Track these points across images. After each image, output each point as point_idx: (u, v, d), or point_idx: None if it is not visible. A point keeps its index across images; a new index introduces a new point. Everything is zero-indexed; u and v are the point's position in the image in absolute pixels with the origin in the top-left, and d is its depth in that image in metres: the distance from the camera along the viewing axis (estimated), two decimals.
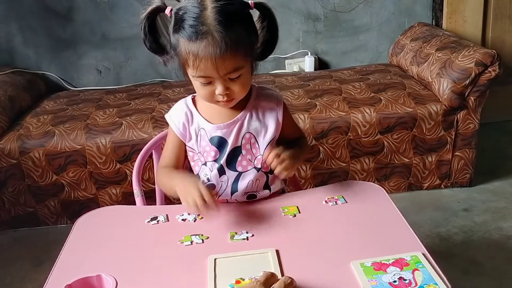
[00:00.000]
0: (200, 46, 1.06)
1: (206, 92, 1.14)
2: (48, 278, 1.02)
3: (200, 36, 1.06)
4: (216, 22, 1.05)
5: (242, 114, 1.23)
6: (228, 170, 1.25)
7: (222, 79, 1.11)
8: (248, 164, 1.25)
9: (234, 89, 1.13)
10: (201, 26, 1.06)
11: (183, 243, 1.09)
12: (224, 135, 1.23)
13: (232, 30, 1.06)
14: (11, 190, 2.32)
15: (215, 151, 1.24)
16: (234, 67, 1.10)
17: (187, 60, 1.10)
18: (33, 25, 2.94)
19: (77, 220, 1.23)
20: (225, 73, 1.09)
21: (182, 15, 1.08)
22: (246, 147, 1.24)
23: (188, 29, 1.07)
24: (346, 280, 0.94)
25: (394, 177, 2.45)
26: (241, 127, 1.23)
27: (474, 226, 2.20)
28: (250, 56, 1.14)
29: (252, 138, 1.24)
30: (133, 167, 1.47)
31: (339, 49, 3.11)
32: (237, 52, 1.08)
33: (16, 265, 2.13)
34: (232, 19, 1.07)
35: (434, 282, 0.92)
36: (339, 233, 1.09)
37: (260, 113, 1.25)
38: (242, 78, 1.13)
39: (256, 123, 1.24)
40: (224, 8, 1.07)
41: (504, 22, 3.02)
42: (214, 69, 1.08)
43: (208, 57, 1.06)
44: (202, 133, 1.24)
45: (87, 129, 2.32)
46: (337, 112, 2.34)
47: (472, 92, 2.34)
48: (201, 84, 1.13)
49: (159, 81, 3.06)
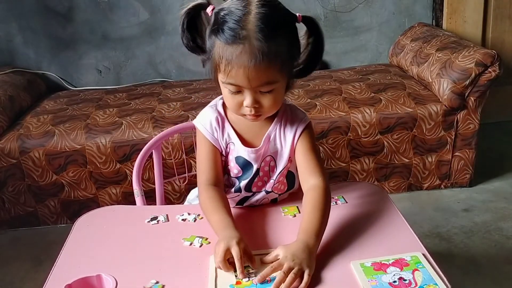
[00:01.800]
0: (236, 51, 0.99)
1: (234, 102, 1.07)
2: (48, 278, 1.02)
3: (237, 41, 0.99)
4: (258, 28, 0.98)
5: (268, 132, 1.16)
6: (244, 191, 1.21)
7: (252, 90, 1.03)
8: (263, 185, 1.21)
9: (264, 103, 1.06)
10: (241, 30, 0.98)
11: (187, 242, 1.10)
12: (251, 159, 1.17)
13: (273, 40, 0.99)
14: (11, 190, 2.32)
15: (238, 170, 1.19)
16: (268, 80, 1.02)
17: (219, 64, 1.02)
18: (33, 25, 2.94)
19: (77, 220, 1.23)
20: (257, 85, 1.02)
21: (224, 16, 1.01)
22: (264, 169, 1.19)
23: (227, 32, 0.99)
24: (346, 280, 0.94)
25: (394, 177, 2.45)
26: (266, 149, 1.17)
27: (474, 226, 2.20)
28: (287, 71, 1.06)
29: (272, 161, 1.19)
30: (133, 167, 1.47)
31: (339, 49, 3.11)
32: (273, 65, 1.00)
33: (16, 265, 2.13)
34: (275, 28, 1.00)
35: (434, 283, 0.92)
36: (339, 233, 1.09)
37: (282, 132, 1.17)
38: (274, 93, 1.05)
39: (278, 145, 1.18)
40: (269, 15, 1.00)
41: (504, 22, 3.02)
42: (246, 79, 1.00)
43: (241, 64, 0.99)
44: (232, 147, 1.18)
45: (87, 129, 2.32)
46: (337, 112, 2.34)
47: (472, 92, 2.34)
48: (229, 92, 1.06)
49: (159, 81, 3.06)
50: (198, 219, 1.19)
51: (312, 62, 1.11)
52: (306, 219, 1.05)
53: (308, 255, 0.96)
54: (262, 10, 0.99)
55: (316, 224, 1.03)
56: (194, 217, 1.19)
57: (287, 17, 1.05)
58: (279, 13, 1.03)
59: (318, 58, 1.11)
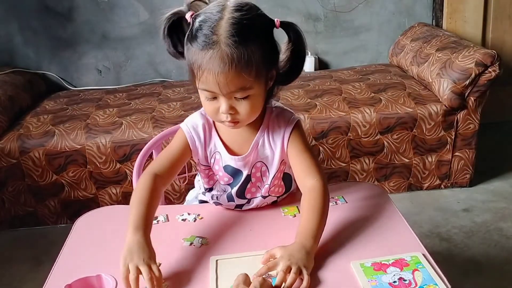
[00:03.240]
0: (206, 56, 0.98)
1: (210, 108, 1.05)
2: (48, 278, 1.02)
3: (208, 46, 0.97)
4: (228, 34, 0.97)
5: (256, 138, 1.15)
6: (237, 198, 1.20)
7: (226, 97, 1.01)
8: (257, 191, 1.20)
9: (240, 110, 1.03)
10: (212, 36, 0.97)
11: (187, 242, 1.09)
12: (239, 166, 1.16)
13: (245, 46, 0.97)
14: (11, 190, 2.32)
15: (228, 178, 1.18)
16: (239, 86, 1.00)
17: (194, 70, 1.01)
18: (33, 25, 2.94)
19: (77, 220, 1.23)
20: (229, 91, 1.00)
21: (200, 22, 1.00)
22: (256, 175, 1.18)
23: (200, 37, 0.99)
24: (346, 280, 0.94)
25: (394, 177, 2.45)
26: (255, 156, 1.16)
27: (474, 226, 2.20)
28: (264, 78, 1.04)
29: (263, 166, 1.17)
30: (133, 167, 1.47)
31: (339, 49, 3.11)
32: (245, 71, 0.98)
33: (16, 265, 2.13)
34: (247, 34, 0.98)
35: (434, 283, 0.92)
36: (339, 233, 1.09)
37: (271, 138, 1.15)
38: (250, 99, 1.03)
39: (267, 150, 1.16)
40: (241, 20, 0.98)
41: (504, 22, 3.02)
42: (216, 84, 0.99)
43: (210, 70, 0.98)
44: (217, 157, 1.17)
45: (87, 129, 2.32)
46: (337, 112, 2.34)
47: (472, 93, 2.34)
48: (206, 98, 1.05)
49: (159, 81, 3.06)
50: (198, 219, 1.19)
51: (293, 69, 1.09)
52: (303, 221, 1.04)
53: (305, 255, 0.96)
54: (235, 15, 0.98)
55: (314, 226, 1.02)
56: (194, 217, 1.19)
57: (263, 22, 1.03)
58: (253, 18, 1.00)
59: (300, 65, 1.09)
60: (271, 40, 1.05)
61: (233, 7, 1.00)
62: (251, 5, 1.02)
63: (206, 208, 1.25)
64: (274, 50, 1.06)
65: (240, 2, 1.01)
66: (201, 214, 1.21)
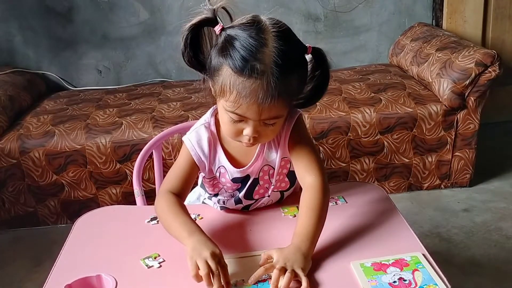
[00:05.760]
0: (251, 86, 0.94)
1: (233, 129, 1.03)
2: (48, 278, 1.02)
3: (253, 75, 0.93)
4: (275, 65, 0.93)
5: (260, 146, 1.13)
6: (245, 200, 1.20)
7: (257, 122, 1.00)
8: (265, 192, 1.20)
9: (264, 133, 1.03)
10: (258, 64, 0.93)
11: None
12: (246, 173, 1.15)
13: (288, 78, 0.96)
14: (11, 190, 2.32)
15: (236, 185, 1.18)
16: (276, 115, 1.00)
17: (227, 93, 0.97)
18: (33, 25, 2.94)
19: (77, 220, 1.23)
20: (263, 119, 0.99)
21: (235, 40, 0.95)
22: (264, 178, 1.18)
23: (239, 60, 0.94)
24: (346, 280, 0.94)
25: (394, 177, 2.45)
26: (262, 161, 1.15)
27: (474, 226, 2.20)
28: (293, 104, 1.05)
29: (270, 169, 1.17)
30: (133, 167, 1.47)
31: (339, 49, 3.11)
32: (285, 100, 0.98)
33: (16, 265, 2.13)
34: (291, 65, 0.97)
35: (434, 283, 0.92)
36: (339, 233, 1.09)
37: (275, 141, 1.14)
38: (276, 125, 1.03)
39: (273, 153, 1.15)
40: (286, 50, 0.95)
41: (504, 22, 3.02)
42: (257, 114, 0.97)
43: (255, 101, 0.94)
44: (222, 171, 1.15)
45: (87, 129, 2.32)
46: (337, 112, 2.34)
47: (472, 92, 2.34)
48: (231, 120, 1.01)
49: (159, 81, 3.06)
50: (198, 219, 1.19)
51: (316, 94, 1.08)
52: (300, 222, 1.04)
53: (301, 257, 0.95)
54: (279, 44, 0.95)
55: (310, 227, 1.01)
56: (194, 217, 1.19)
57: (300, 50, 1.01)
58: (294, 47, 0.99)
59: (323, 90, 1.09)
60: (306, 67, 1.04)
61: (275, 33, 0.96)
62: (287, 29, 1.00)
63: (207, 208, 1.25)
64: (306, 76, 1.05)
65: (277, 25, 0.97)
66: (201, 214, 1.21)
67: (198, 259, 0.93)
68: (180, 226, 1.02)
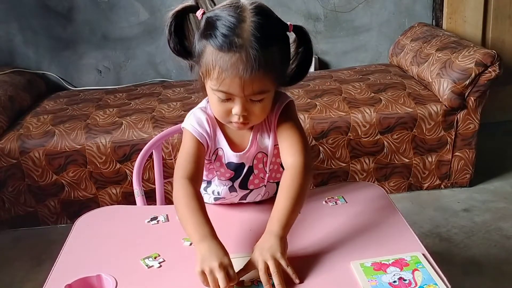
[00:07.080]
0: (231, 60, 0.97)
1: (222, 109, 1.05)
2: (48, 278, 1.02)
3: (232, 49, 0.96)
4: (254, 38, 0.97)
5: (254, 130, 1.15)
6: (239, 189, 1.21)
7: (243, 99, 1.02)
8: (260, 182, 1.21)
9: (253, 111, 1.04)
10: (236, 39, 0.96)
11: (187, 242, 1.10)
12: (241, 160, 1.16)
13: (268, 50, 0.98)
14: (11, 190, 2.32)
15: (230, 173, 1.18)
16: (261, 89, 1.01)
17: (210, 71, 1.00)
18: (33, 25, 2.94)
19: (77, 220, 1.23)
20: (250, 94, 1.01)
21: (215, 20, 0.99)
22: (258, 167, 1.18)
23: (220, 38, 0.97)
24: (346, 280, 0.94)
25: (394, 177, 2.45)
26: (256, 148, 1.16)
27: (474, 226, 2.20)
28: (278, 81, 1.06)
29: (264, 157, 1.17)
30: (133, 167, 1.47)
31: (339, 49, 3.11)
32: (267, 75, 1.00)
33: (16, 265, 2.13)
34: (270, 38, 0.99)
35: (434, 283, 0.92)
36: (339, 233, 1.09)
37: (267, 124, 1.15)
38: (264, 102, 1.04)
39: (266, 139, 1.16)
40: (264, 24, 0.98)
41: (504, 22, 3.02)
42: (240, 87, 0.99)
43: (236, 74, 0.97)
44: (220, 153, 1.16)
45: (87, 129, 2.32)
46: (337, 112, 2.34)
47: (472, 92, 2.34)
48: (219, 100, 1.04)
49: (159, 81, 3.06)
50: None
51: (300, 71, 1.10)
52: (276, 204, 1.04)
53: (275, 242, 0.96)
54: (257, 18, 0.98)
55: (285, 209, 1.01)
56: None
57: (280, 26, 1.04)
58: (273, 22, 1.03)
59: (307, 67, 1.11)
60: (287, 43, 1.06)
61: (252, 9, 0.99)
62: (266, 8, 1.03)
63: (206, 208, 1.25)
64: (289, 53, 1.07)
65: (256, 4, 1.01)
66: None
67: (206, 269, 0.92)
68: (194, 227, 1.00)
